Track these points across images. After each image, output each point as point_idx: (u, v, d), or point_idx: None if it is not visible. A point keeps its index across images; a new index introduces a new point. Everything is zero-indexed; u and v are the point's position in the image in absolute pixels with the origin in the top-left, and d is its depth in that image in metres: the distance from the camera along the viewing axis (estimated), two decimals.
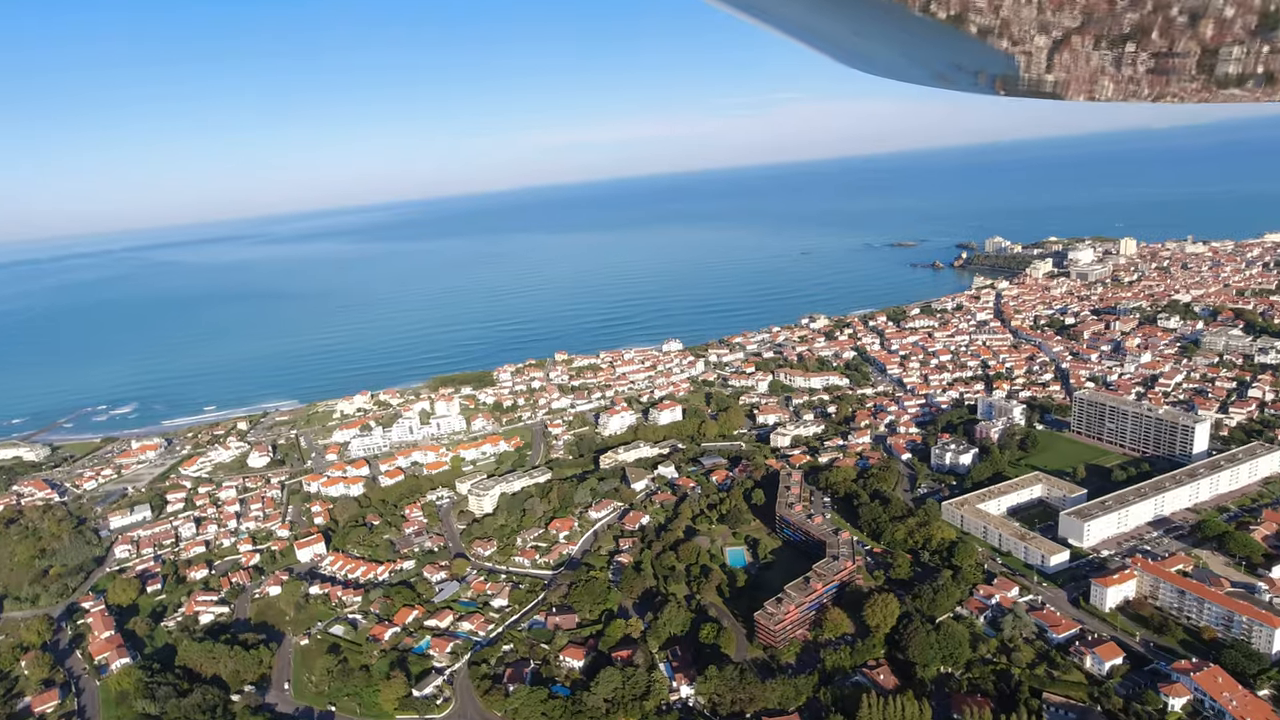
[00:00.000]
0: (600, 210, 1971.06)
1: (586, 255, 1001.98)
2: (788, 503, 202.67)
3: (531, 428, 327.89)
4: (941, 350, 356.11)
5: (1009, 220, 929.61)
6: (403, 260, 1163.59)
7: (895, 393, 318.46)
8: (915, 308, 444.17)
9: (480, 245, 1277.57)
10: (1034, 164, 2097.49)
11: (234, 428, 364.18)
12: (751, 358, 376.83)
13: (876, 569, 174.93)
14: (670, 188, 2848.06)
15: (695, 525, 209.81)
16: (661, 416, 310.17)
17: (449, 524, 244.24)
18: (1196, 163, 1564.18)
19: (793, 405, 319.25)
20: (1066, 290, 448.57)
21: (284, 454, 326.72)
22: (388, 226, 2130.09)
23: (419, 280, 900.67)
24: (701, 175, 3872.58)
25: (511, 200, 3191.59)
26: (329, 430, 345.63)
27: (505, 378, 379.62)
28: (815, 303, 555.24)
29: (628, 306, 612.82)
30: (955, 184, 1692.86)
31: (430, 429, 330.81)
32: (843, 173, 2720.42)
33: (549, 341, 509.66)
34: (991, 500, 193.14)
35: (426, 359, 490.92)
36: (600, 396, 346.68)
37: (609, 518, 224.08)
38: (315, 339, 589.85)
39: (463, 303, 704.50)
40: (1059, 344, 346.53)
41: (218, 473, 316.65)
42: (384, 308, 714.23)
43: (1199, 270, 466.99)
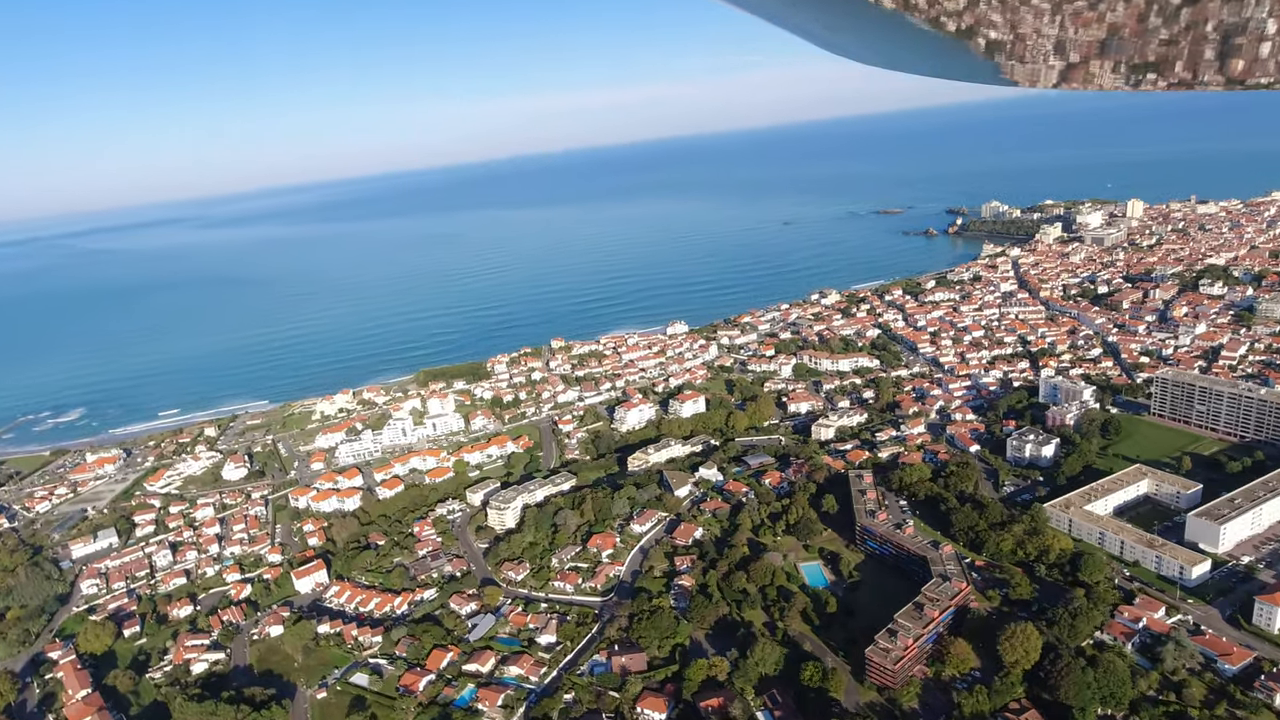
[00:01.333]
0: (560, 183, 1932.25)
1: (553, 231, 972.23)
2: (867, 510, 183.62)
3: (538, 424, 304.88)
4: (972, 325, 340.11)
5: (992, 183, 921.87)
6: (355, 242, 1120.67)
7: (933, 374, 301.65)
8: (930, 279, 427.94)
9: (435, 223, 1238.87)
10: (1004, 125, 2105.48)
11: (201, 434, 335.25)
12: (768, 339, 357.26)
13: (988, 588, 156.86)
14: (631, 157, 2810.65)
15: (758, 538, 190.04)
16: (684, 409, 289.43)
17: (467, 542, 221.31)
18: (1177, 121, 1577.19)
19: (823, 390, 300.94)
20: (1086, 257, 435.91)
21: (263, 464, 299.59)
22: (332, 206, 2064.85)
23: (377, 263, 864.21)
24: (662, 144, 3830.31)
25: (461, 175, 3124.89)
26: (310, 435, 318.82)
27: (501, 369, 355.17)
28: (814, 276, 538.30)
29: (611, 285, 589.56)
30: (926, 148, 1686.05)
31: (425, 430, 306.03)
32: (809, 137, 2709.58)
33: (533, 327, 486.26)
34: (1098, 500, 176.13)
35: (403, 350, 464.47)
36: (610, 387, 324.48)
37: (655, 531, 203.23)
38: (277, 330, 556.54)
39: (429, 286, 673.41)
40: (1098, 315, 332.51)
41: (189, 488, 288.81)
42: (346, 294, 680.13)
43: (1219, 232, 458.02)
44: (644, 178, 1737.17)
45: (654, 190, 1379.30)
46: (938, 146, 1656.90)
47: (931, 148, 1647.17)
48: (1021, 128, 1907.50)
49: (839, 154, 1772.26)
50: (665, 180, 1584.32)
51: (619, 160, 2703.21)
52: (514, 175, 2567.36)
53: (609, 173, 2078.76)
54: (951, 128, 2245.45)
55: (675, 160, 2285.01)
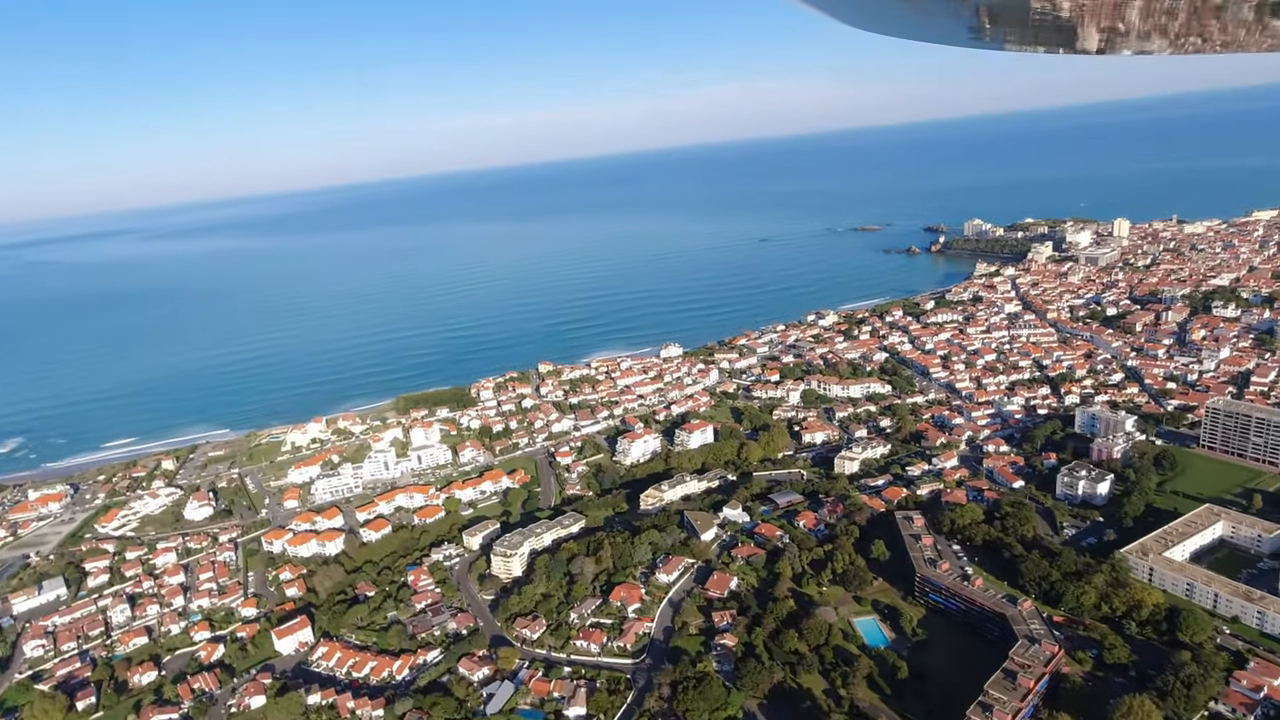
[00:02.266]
0: (517, 198, 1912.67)
1: (517, 247, 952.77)
2: (926, 558, 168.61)
3: (533, 457, 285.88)
4: (984, 349, 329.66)
5: (965, 200, 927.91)
6: (308, 257, 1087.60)
7: (950, 400, 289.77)
8: (929, 300, 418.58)
9: (391, 238, 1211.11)
10: (970, 142, 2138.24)
11: (158, 468, 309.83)
12: (771, 363, 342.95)
13: (1075, 649, 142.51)
14: (582, 173, 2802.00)
15: (801, 589, 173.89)
16: (691, 439, 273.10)
17: (470, 594, 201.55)
18: (1142, 140, 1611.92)
19: (836, 418, 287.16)
20: (1084, 277, 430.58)
21: (229, 501, 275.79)
22: (281, 219, 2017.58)
23: (334, 279, 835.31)
24: (608, 160, 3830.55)
25: (413, 189, 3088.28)
26: (281, 468, 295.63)
27: (487, 395, 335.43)
28: (802, 295, 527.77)
29: (589, 304, 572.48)
30: (892, 164, 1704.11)
31: (410, 463, 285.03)
32: (770, 154, 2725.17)
33: (511, 349, 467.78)
34: (1175, 546, 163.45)
35: (373, 373, 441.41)
36: (608, 415, 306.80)
37: (683, 581, 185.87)
38: (235, 351, 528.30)
39: (395, 304, 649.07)
40: (1112, 338, 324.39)
41: (147, 529, 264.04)
42: (305, 311, 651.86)
43: (1213, 252, 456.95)
44: (607, 193, 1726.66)
45: (620, 206, 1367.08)
46: (904, 163, 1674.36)
47: (898, 164, 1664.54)
48: (989, 145, 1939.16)
49: (805, 170, 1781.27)
50: (628, 196, 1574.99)
51: (579, 175, 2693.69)
52: (474, 189, 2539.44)
53: (572, 188, 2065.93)
54: (917, 144, 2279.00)
55: (634, 176, 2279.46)
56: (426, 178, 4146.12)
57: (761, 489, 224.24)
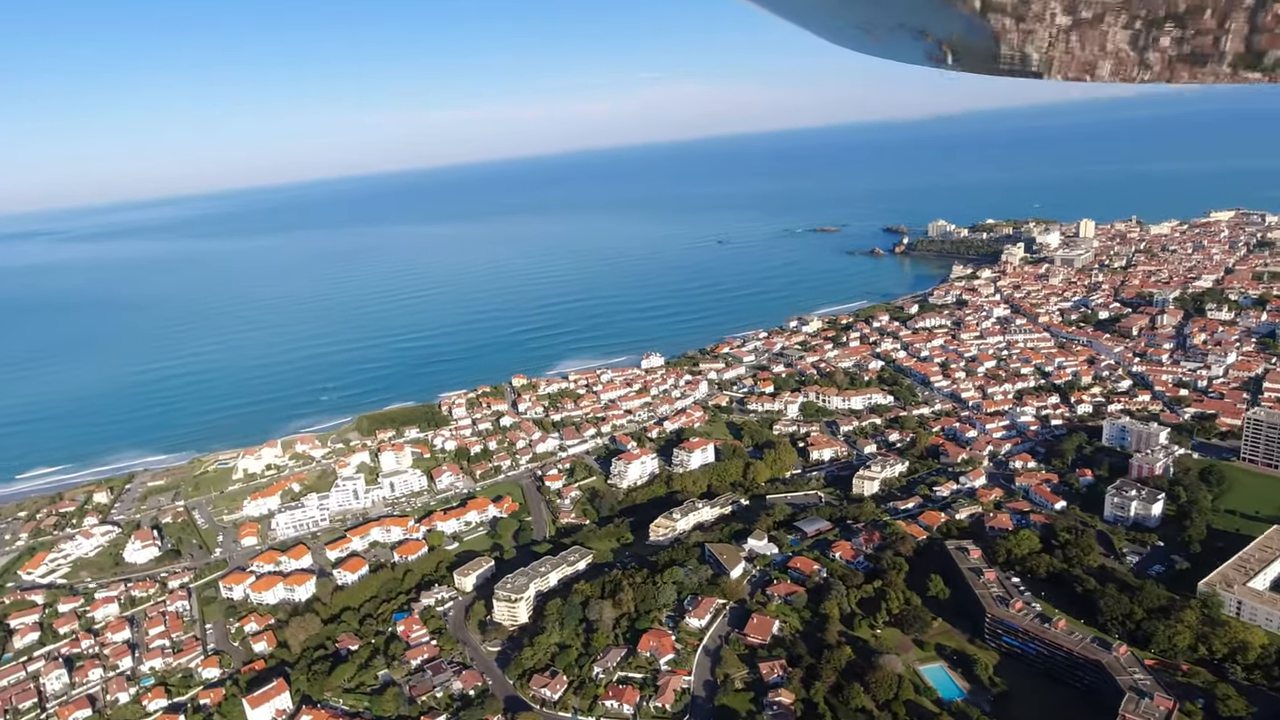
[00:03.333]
0: (460, 199, 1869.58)
1: (467, 250, 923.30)
2: (994, 595, 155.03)
3: (518, 481, 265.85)
4: (982, 355, 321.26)
5: (921, 200, 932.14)
6: (242, 260, 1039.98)
7: (958, 411, 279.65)
8: (912, 304, 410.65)
9: (332, 241, 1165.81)
10: (918, 144, 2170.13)
11: (89, 502, 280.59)
12: (762, 373, 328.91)
13: (1184, 700, 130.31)
14: (522, 173, 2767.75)
15: (853, 631, 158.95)
16: (691, 459, 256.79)
17: (472, 646, 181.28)
18: (1087, 141, 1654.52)
19: (841, 433, 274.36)
20: (1064, 279, 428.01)
21: (176, 540, 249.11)
22: (211, 220, 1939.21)
23: (272, 284, 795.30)
24: (548, 160, 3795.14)
25: (351, 189, 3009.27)
26: (234, 500, 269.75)
27: (460, 413, 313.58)
28: (774, 300, 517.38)
29: (549, 310, 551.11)
30: (845, 165, 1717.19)
31: (381, 491, 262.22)
32: (701, 156, 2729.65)
33: (470, 359, 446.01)
34: (1256, 575, 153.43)
35: (324, 389, 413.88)
36: (595, 434, 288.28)
37: (718, 626, 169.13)
38: (167, 366, 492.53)
39: (339, 312, 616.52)
40: (1111, 342, 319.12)
41: (82, 576, 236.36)
42: (241, 321, 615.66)
43: (1185, 253, 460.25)
44: (552, 194, 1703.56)
45: (567, 207, 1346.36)
46: (845, 165, 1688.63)
47: (840, 166, 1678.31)
48: (937, 146, 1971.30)
49: (748, 171, 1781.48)
50: (573, 197, 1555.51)
51: (519, 176, 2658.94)
52: (416, 189, 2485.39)
53: (514, 189, 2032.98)
54: (854, 147, 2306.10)
55: (575, 176, 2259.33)
56: (363, 178, 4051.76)
57: (785, 516, 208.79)
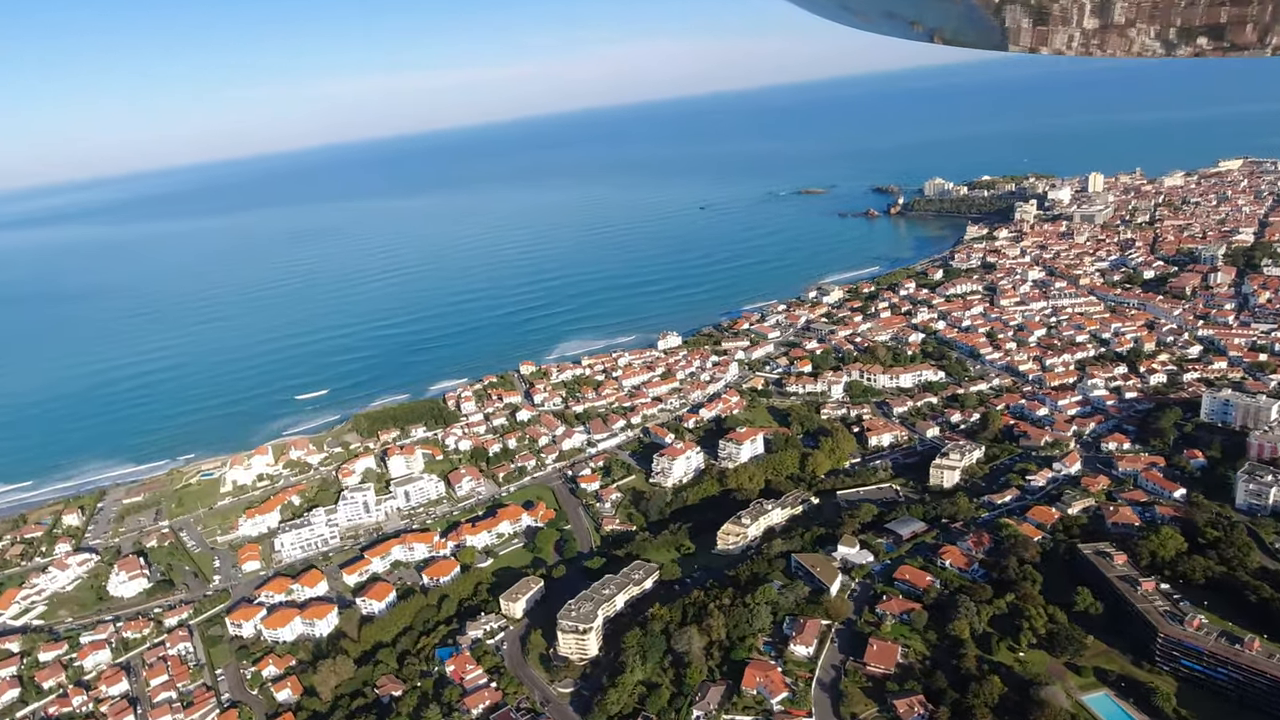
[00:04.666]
0: (423, 168, 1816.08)
1: (438, 224, 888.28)
2: (1160, 610, 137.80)
3: (547, 484, 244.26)
4: (1030, 323, 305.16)
5: (903, 159, 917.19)
6: (197, 243, 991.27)
7: (1019, 386, 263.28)
8: (937, 269, 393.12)
9: (289, 219, 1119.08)
10: (889, 100, 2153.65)
11: (57, 524, 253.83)
12: (794, 351, 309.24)
13: None
14: (486, 140, 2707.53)
15: (992, 656, 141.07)
16: (741, 451, 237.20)
17: (538, 686, 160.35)
18: (1045, 94, 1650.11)
19: (894, 414, 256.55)
20: (1091, 238, 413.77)
21: (166, 568, 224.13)
22: (156, 201, 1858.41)
23: (231, 269, 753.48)
24: (511, 125, 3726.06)
25: (314, 161, 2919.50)
26: (226, 517, 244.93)
27: (469, 407, 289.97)
28: (777, 269, 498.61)
29: (538, 288, 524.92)
30: (818, 124, 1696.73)
31: (395, 501, 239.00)
32: (668, 117, 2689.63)
33: (462, 345, 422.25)
34: None
35: (303, 384, 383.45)
36: (625, 426, 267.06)
37: (828, 653, 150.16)
38: (123, 365, 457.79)
39: (306, 297, 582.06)
40: (1165, 304, 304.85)
41: (61, 615, 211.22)
42: (205, 310, 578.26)
43: (1210, 205, 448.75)
44: (519, 161, 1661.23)
45: (538, 175, 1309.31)
46: (827, 122, 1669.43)
47: (814, 124, 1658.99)
48: (907, 102, 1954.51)
49: (718, 132, 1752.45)
50: (541, 164, 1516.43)
51: (482, 143, 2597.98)
52: (374, 161, 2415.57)
53: (480, 157, 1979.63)
54: (822, 104, 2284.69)
55: (542, 142, 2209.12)
56: (323, 149, 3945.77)
57: (872, 517, 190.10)
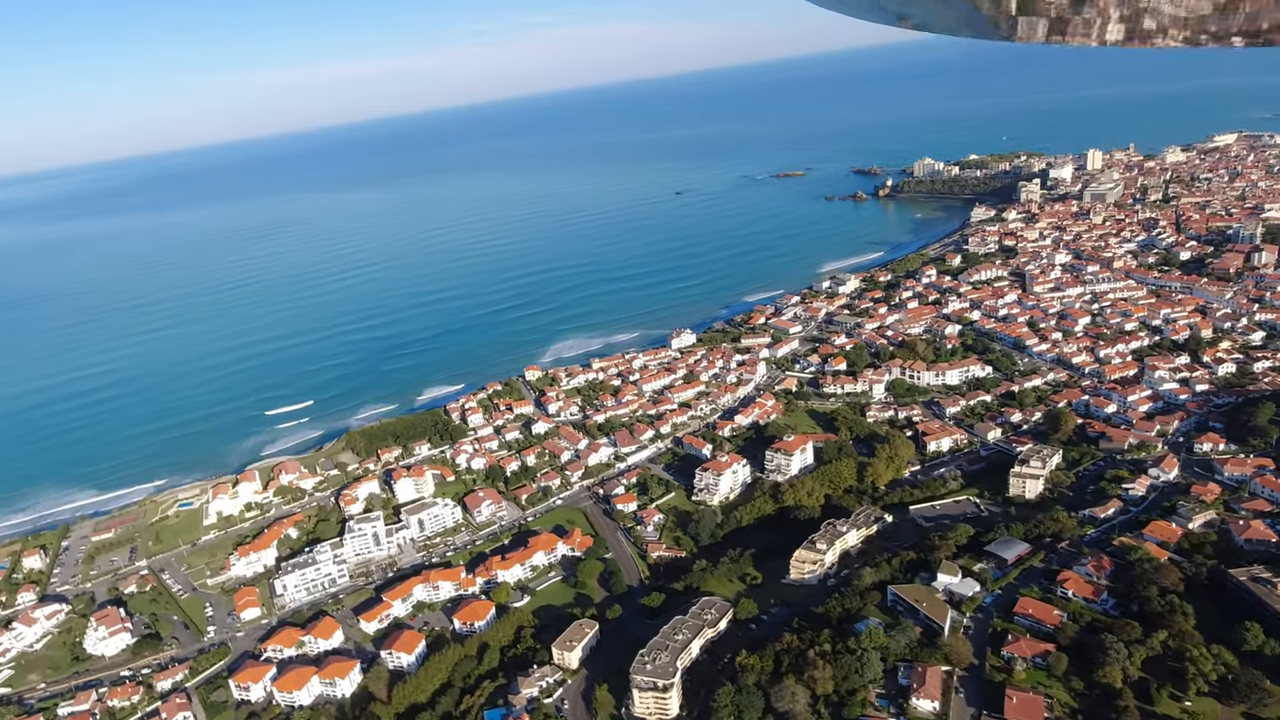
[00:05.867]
0: (379, 157, 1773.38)
1: (399, 216, 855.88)
2: None
3: (576, 504, 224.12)
4: (1073, 311, 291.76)
5: (879, 138, 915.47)
6: (133, 243, 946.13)
7: (1077, 380, 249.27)
8: (951, 254, 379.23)
9: (238, 214, 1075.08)
10: (831, 81, 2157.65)
11: (18, 568, 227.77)
12: (824, 348, 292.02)
13: None
14: (435, 128, 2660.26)
15: (1154, 707, 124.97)
16: (792, 463, 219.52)
17: None
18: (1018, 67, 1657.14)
19: (948, 415, 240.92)
20: (1108, 218, 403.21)
21: (150, 618, 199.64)
22: (86, 198, 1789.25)
23: (176, 270, 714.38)
24: (459, 113, 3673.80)
25: (248, 154, 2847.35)
26: (213, 554, 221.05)
27: (477, 420, 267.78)
28: (771, 258, 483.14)
29: (518, 285, 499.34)
30: (766, 105, 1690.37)
31: (408, 531, 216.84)
32: (623, 101, 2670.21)
33: (446, 347, 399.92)
34: None
35: (277, 396, 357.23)
36: (654, 436, 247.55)
37: (957, 708, 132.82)
38: (75, 376, 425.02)
39: (268, 300, 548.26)
40: (1212, 287, 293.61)
41: (32, 681, 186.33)
42: (149, 318, 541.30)
43: (1222, 182, 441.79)
44: (475, 149, 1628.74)
45: (498, 163, 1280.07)
46: (791, 104, 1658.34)
47: (784, 105, 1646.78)
48: (863, 83, 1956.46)
49: (681, 116, 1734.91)
50: (500, 151, 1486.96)
51: (433, 131, 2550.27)
52: (314, 152, 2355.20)
53: (431, 145, 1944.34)
54: (791, 84, 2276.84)
55: (496, 130, 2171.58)
56: (257, 141, 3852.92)
57: (969, 537, 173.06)
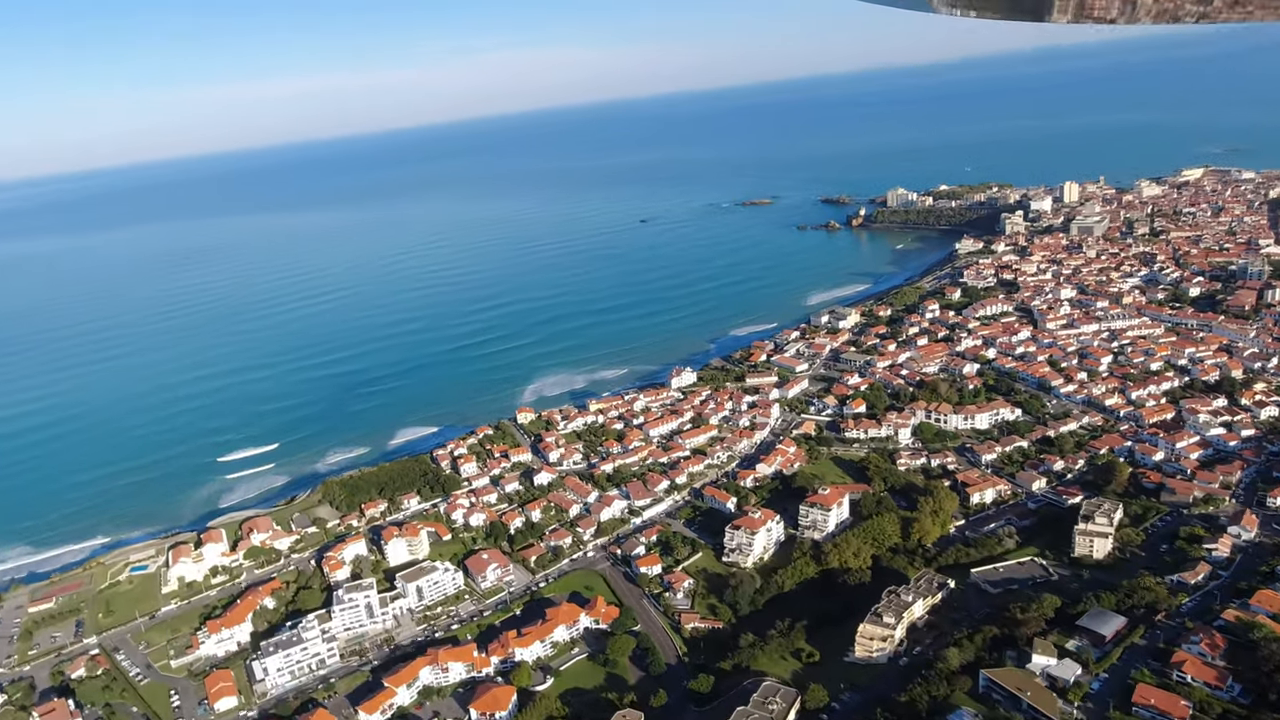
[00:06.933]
0: (320, 180, 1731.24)
1: (347, 242, 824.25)
2: None
3: (592, 566, 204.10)
4: (1096, 350, 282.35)
5: (841, 168, 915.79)
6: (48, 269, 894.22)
7: (1111, 424, 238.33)
8: (954, 289, 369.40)
9: (168, 237, 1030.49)
10: (784, 109, 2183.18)
11: None
12: (840, 389, 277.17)
13: None
14: (396, 148, 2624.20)
15: None
16: (829, 518, 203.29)
17: None
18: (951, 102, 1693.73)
19: (984, 462, 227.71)
20: (1101, 251, 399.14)
21: (104, 711, 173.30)
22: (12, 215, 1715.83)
23: (106, 298, 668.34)
24: (400, 136, 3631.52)
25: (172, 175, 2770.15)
26: (176, 628, 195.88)
27: (470, 469, 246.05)
28: (755, 290, 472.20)
29: (486, 316, 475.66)
30: (721, 131, 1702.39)
31: (405, 600, 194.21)
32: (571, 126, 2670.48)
33: (418, 385, 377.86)
34: None
35: (228, 440, 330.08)
36: (669, 486, 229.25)
37: None
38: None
39: (210, 330, 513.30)
40: (1232, 325, 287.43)
41: None
42: (80, 349, 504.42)
43: (1206, 217, 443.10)
44: (424, 171, 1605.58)
45: (450, 185, 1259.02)
46: (747, 130, 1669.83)
47: (741, 132, 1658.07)
48: (819, 111, 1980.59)
49: (641, 140, 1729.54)
50: (454, 173, 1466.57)
51: (376, 153, 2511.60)
52: (246, 173, 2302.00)
53: (377, 166, 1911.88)
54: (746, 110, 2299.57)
55: (448, 151, 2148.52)
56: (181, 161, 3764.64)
57: (1051, 609, 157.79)
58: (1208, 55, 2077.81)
